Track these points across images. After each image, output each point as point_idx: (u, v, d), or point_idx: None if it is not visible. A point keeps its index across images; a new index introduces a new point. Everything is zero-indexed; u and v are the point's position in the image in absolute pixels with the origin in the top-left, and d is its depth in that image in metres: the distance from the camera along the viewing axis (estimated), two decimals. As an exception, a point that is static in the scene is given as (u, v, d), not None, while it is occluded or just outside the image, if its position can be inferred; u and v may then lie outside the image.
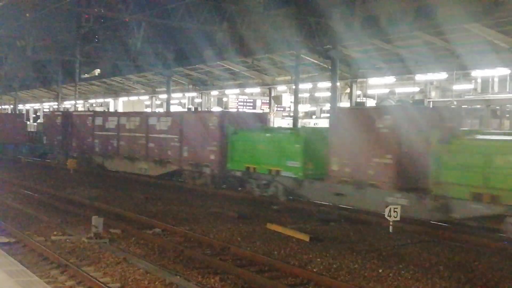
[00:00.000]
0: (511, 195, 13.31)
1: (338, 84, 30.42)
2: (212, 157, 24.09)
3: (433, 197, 15.09)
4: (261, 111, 42.52)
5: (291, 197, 20.50)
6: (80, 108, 65.20)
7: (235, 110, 45.69)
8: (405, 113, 17.03)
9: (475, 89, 34.58)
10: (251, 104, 48.29)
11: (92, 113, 36.02)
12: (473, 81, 34.74)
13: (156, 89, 51.85)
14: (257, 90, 44.92)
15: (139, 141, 29.02)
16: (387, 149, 16.55)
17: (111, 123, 31.60)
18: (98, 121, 32.97)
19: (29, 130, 55.49)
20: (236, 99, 48.99)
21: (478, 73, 30.20)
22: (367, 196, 17.10)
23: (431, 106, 27.29)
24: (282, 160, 20.20)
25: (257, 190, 21.54)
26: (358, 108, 21.46)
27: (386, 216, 14.82)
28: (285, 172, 20.06)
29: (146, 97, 55.52)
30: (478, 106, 29.82)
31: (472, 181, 14.14)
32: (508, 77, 31.30)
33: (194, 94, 48.84)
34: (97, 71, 67.75)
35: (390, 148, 16.48)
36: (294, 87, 32.01)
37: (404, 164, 16.28)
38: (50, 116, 41.21)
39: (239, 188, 22.84)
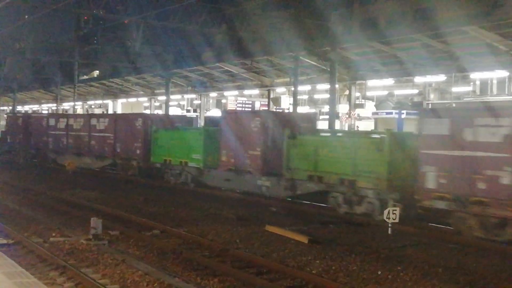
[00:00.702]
0: (330, 176, 18.33)
1: (337, 86, 30.43)
2: (138, 151, 28.90)
3: (285, 179, 20.00)
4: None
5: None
6: (79, 109, 65.17)
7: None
8: (271, 116, 22.52)
9: (474, 91, 34.63)
10: (250, 105, 48.25)
11: (46, 114, 41.50)
12: (472, 83, 34.79)
13: (155, 91, 51.85)
14: (256, 92, 44.97)
15: (83, 139, 33.61)
16: (257, 144, 21.39)
17: (62, 123, 36.27)
18: (52, 122, 37.65)
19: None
20: (235, 100, 49.00)
21: (476, 76, 30.28)
22: (245, 180, 21.91)
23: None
24: (189, 153, 24.90)
25: (172, 178, 26.22)
26: (238, 112, 28.14)
27: (384, 218, 14.84)
28: (191, 163, 24.82)
29: (145, 98, 55.52)
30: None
31: (307, 166, 19.16)
32: (506, 79, 31.35)
33: (193, 95, 48.86)
34: (96, 73, 67.73)
35: (259, 143, 21.32)
36: (293, 89, 32.04)
37: (268, 155, 21.11)
38: (13, 117, 46.21)
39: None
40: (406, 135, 18.35)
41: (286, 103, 39.34)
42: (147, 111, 53.23)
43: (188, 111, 54.00)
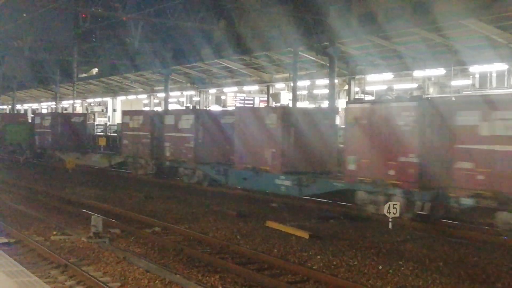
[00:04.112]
0: (15, 142, 42.60)
1: (336, 81, 30.35)
2: None
3: (4, 145, 44.11)
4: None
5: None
6: (79, 107, 65.08)
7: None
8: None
9: (473, 85, 34.54)
10: (250, 102, 48.14)
11: None
12: (471, 76, 34.70)
13: (154, 88, 51.79)
14: (255, 87, 44.87)
15: None
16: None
17: None
18: None
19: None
20: (234, 97, 48.91)
21: (476, 69, 30.14)
22: (9, 149, 43.45)
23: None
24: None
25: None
26: (7, 114, 51.12)
27: (385, 212, 14.85)
28: None
29: (144, 96, 55.46)
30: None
31: (8, 138, 43.56)
32: (506, 73, 31.27)
33: (192, 92, 48.82)
34: (95, 71, 67.56)
35: None
36: (292, 84, 31.99)
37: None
38: None
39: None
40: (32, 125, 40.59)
41: (285, 99, 39.24)
42: (147, 108, 53.19)
43: (187, 107, 53.89)
